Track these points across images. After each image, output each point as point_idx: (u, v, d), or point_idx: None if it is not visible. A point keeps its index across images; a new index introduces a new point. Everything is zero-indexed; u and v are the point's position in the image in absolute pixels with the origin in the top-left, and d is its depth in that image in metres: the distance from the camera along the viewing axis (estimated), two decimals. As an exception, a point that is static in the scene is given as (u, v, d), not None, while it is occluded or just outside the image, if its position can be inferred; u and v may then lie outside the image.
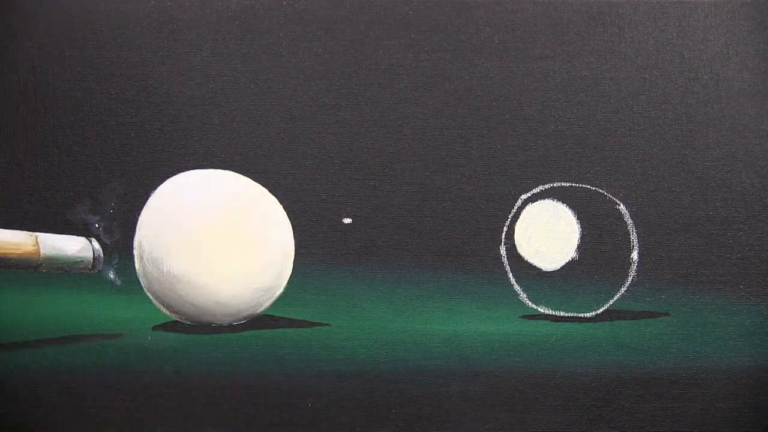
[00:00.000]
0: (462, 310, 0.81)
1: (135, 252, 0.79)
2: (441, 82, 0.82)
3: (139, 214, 0.80)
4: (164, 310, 0.80)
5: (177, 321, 0.81)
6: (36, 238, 0.79)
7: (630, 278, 0.81)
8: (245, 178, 0.80)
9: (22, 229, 0.81)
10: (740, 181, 0.81)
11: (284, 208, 0.81)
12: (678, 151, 0.81)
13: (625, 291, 0.81)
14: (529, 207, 0.82)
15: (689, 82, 0.82)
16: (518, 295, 0.82)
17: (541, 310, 0.82)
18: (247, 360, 0.74)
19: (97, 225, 0.82)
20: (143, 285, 0.80)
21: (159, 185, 0.81)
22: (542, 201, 0.82)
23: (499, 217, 0.82)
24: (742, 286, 0.81)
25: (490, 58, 0.82)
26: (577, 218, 0.82)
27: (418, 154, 0.82)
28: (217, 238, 0.76)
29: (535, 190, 0.82)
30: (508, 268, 0.82)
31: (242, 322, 0.79)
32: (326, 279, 0.81)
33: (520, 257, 0.82)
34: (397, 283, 0.81)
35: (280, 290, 0.79)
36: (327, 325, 0.76)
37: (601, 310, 0.82)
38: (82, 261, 0.80)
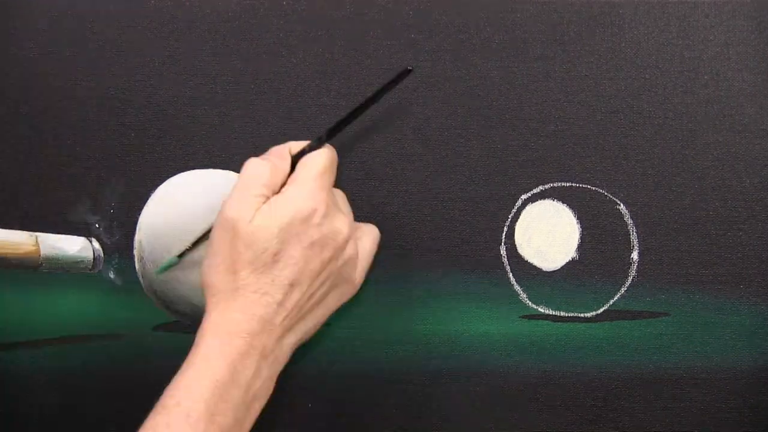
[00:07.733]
0: (462, 310, 0.81)
1: (135, 252, 0.79)
2: (441, 82, 0.82)
3: (139, 214, 0.80)
4: (164, 310, 0.80)
5: (177, 321, 0.81)
6: (36, 238, 0.79)
7: (630, 278, 0.81)
8: (245, 178, 0.80)
9: (22, 229, 0.81)
10: (740, 181, 0.81)
11: (284, 208, 0.81)
12: (678, 151, 0.81)
13: (625, 291, 0.81)
14: (529, 207, 0.82)
15: (689, 82, 0.82)
16: (518, 295, 0.82)
17: (541, 310, 0.82)
18: (247, 360, 0.74)
19: (97, 225, 0.82)
20: (143, 285, 0.80)
21: (159, 185, 0.81)
22: (542, 201, 0.82)
23: (499, 217, 0.82)
24: (742, 286, 0.81)
25: (490, 58, 0.82)
26: (577, 218, 0.82)
27: (418, 154, 0.82)
28: (217, 238, 0.76)
29: (535, 190, 0.82)
30: (508, 268, 0.82)
31: (242, 322, 0.79)
32: (326, 279, 0.81)
33: (520, 257, 0.82)
34: (397, 283, 0.81)
35: (280, 290, 0.79)
36: (327, 325, 0.76)
37: (601, 310, 0.82)
38: (82, 261, 0.80)
